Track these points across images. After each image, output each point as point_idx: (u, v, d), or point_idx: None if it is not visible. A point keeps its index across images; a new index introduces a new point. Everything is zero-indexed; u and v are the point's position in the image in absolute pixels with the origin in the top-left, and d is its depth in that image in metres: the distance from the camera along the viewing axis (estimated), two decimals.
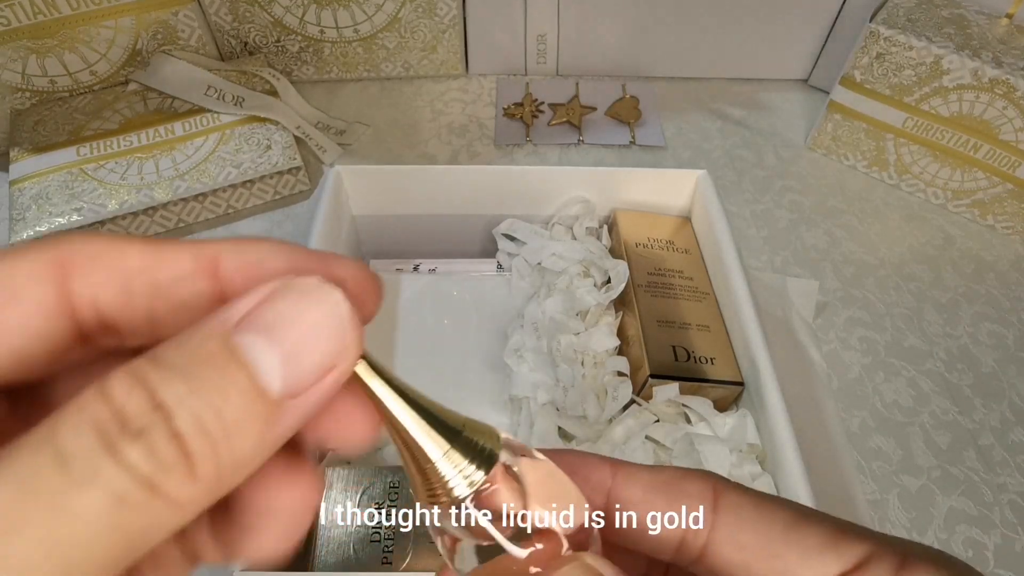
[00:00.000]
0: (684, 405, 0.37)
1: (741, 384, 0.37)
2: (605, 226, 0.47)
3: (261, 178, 0.55)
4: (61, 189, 0.52)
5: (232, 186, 0.54)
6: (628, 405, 0.37)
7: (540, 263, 0.44)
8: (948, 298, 0.51)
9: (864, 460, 0.42)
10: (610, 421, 0.37)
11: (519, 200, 0.46)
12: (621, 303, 0.42)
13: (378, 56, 0.66)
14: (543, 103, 0.65)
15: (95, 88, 0.61)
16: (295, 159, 0.55)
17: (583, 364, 0.39)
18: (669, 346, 0.38)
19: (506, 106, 0.65)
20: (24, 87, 0.58)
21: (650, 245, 0.44)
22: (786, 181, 0.59)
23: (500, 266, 0.46)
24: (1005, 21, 0.54)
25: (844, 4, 0.62)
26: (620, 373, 0.39)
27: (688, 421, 0.37)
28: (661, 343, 0.38)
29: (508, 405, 0.39)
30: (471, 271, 0.45)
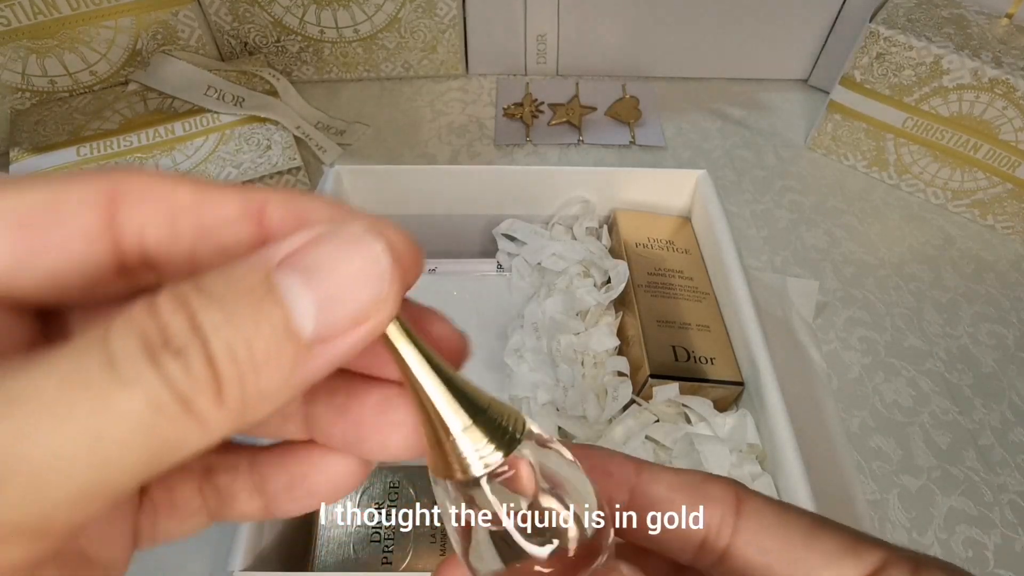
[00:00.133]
0: (684, 405, 0.37)
1: (741, 384, 0.37)
2: (605, 226, 0.47)
3: (261, 178, 0.55)
4: None
5: None
6: (628, 405, 0.37)
7: (540, 263, 0.44)
8: (948, 298, 0.51)
9: (864, 460, 0.42)
10: (610, 421, 0.37)
11: (519, 200, 0.46)
12: (621, 303, 0.42)
13: (378, 56, 0.66)
14: (543, 103, 0.65)
15: (95, 88, 0.61)
16: (295, 159, 0.55)
17: (583, 364, 0.39)
18: (669, 346, 0.38)
19: (506, 106, 0.65)
20: (24, 87, 0.58)
21: (650, 245, 0.44)
22: (786, 181, 0.59)
23: (500, 266, 0.46)
24: (1005, 21, 0.54)
25: (844, 4, 0.62)
26: (620, 373, 0.39)
27: (688, 421, 0.37)
28: (661, 343, 0.38)
29: None
30: (471, 271, 0.45)
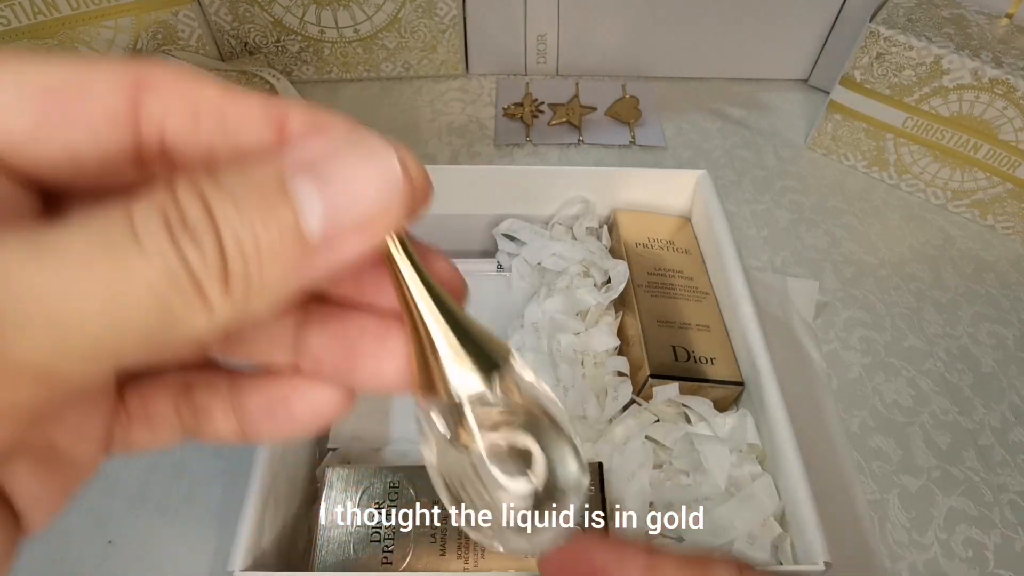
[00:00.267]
0: (684, 405, 0.37)
1: (741, 384, 0.37)
2: (605, 226, 0.47)
3: None
4: None
5: None
6: (628, 405, 0.37)
7: (540, 263, 0.44)
8: (948, 298, 0.51)
9: (864, 460, 0.42)
10: (610, 421, 0.37)
11: (519, 200, 0.46)
12: (621, 303, 0.42)
13: (378, 56, 0.66)
14: (543, 103, 0.65)
15: None
16: None
17: (583, 364, 0.39)
18: (669, 346, 0.38)
19: (506, 106, 0.65)
20: None
21: (650, 245, 0.44)
22: (786, 181, 0.59)
23: (500, 266, 0.46)
24: (1005, 21, 0.54)
25: (844, 4, 0.62)
26: (620, 373, 0.39)
27: (688, 421, 0.37)
28: (661, 343, 0.38)
29: None
30: (471, 271, 0.45)
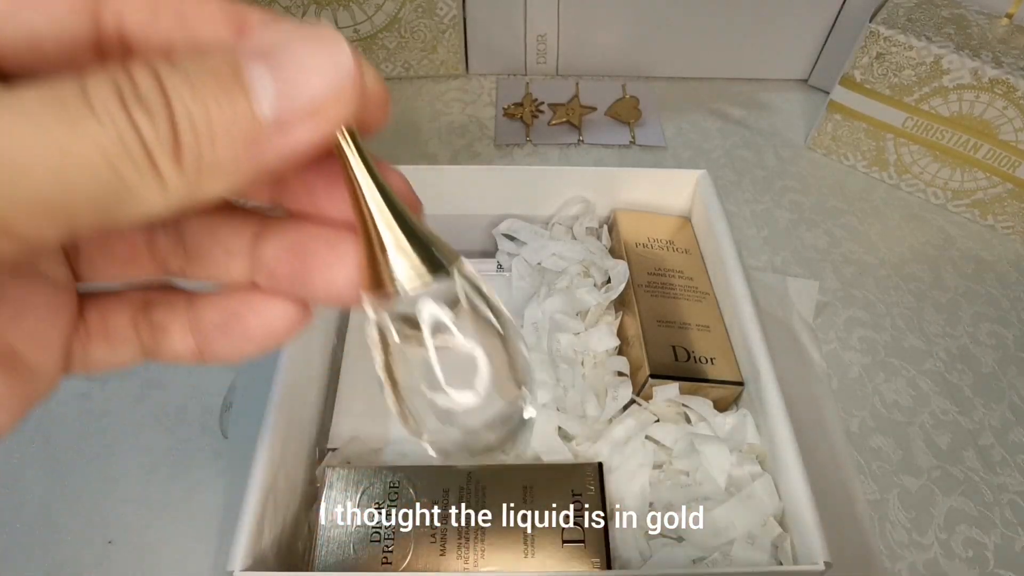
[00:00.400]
0: (684, 405, 0.37)
1: (741, 384, 0.37)
2: (605, 226, 0.47)
3: None
4: None
5: None
6: (628, 405, 0.37)
7: (540, 263, 0.44)
8: (948, 298, 0.51)
9: (864, 460, 0.42)
10: (610, 421, 0.37)
11: (519, 200, 0.46)
12: (621, 303, 0.42)
13: (378, 56, 0.66)
14: (543, 103, 0.65)
15: None
16: None
17: (583, 364, 0.39)
18: (669, 346, 0.38)
19: (506, 106, 0.65)
20: None
21: (650, 245, 0.44)
22: (786, 181, 0.59)
23: (500, 266, 0.46)
24: (1005, 21, 0.54)
25: (844, 4, 0.62)
26: (620, 373, 0.39)
27: (688, 421, 0.37)
28: (661, 343, 0.38)
29: None
30: None
